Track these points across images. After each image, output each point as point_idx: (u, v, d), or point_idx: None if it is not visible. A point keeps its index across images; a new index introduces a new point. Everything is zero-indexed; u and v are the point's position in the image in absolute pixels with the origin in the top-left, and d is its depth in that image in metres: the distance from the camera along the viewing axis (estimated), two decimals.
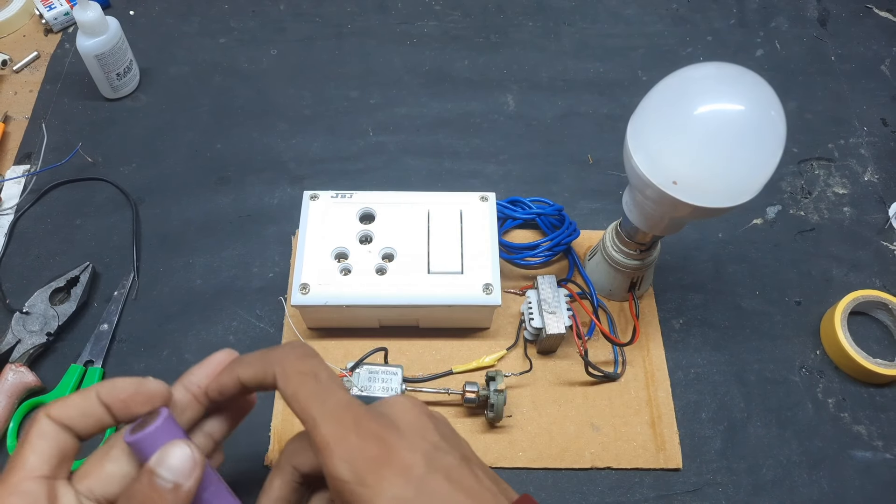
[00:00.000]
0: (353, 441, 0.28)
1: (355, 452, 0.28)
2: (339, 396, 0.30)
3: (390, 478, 0.28)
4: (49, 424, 0.30)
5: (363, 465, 0.28)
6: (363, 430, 0.29)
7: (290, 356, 0.32)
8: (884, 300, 0.52)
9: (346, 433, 0.29)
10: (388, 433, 0.29)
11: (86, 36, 0.57)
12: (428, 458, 0.29)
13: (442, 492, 0.28)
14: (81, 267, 0.52)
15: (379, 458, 0.28)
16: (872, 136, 0.63)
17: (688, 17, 0.71)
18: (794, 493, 0.46)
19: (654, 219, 0.42)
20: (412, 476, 0.28)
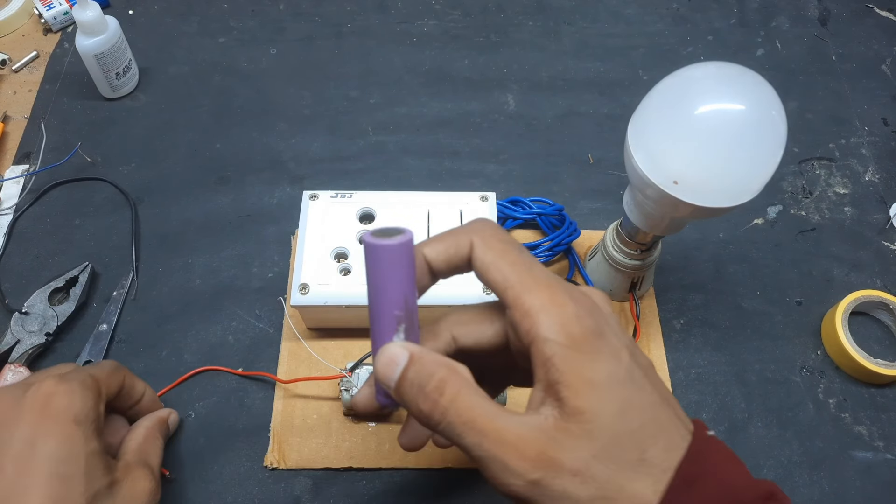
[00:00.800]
0: (571, 307, 0.27)
1: (572, 320, 0.26)
2: (544, 269, 0.29)
3: (605, 352, 0.26)
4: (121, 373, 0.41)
5: (581, 333, 0.26)
6: (578, 300, 0.27)
7: (487, 227, 0.30)
8: (885, 300, 0.51)
9: (561, 299, 0.27)
10: (599, 313, 0.28)
11: (85, 35, 0.57)
12: (630, 352, 0.27)
13: (645, 386, 0.27)
14: (80, 267, 0.52)
15: (595, 331, 0.26)
16: (873, 136, 0.63)
17: (688, 17, 0.71)
18: (795, 494, 0.46)
19: (654, 219, 0.42)
20: (622, 360, 0.27)
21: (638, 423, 0.26)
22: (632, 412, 0.26)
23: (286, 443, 0.46)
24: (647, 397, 0.27)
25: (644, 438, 0.26)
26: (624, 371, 0.26)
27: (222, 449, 0.46)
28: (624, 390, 0.26)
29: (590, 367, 0.26)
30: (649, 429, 0.26)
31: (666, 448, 0.26)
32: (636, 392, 0.26)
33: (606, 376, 0.26)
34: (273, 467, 0.45)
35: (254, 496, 0.45)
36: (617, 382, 0.26)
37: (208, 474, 0.45)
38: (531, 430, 0.26)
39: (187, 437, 0.46)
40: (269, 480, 0.45)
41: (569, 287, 0.28)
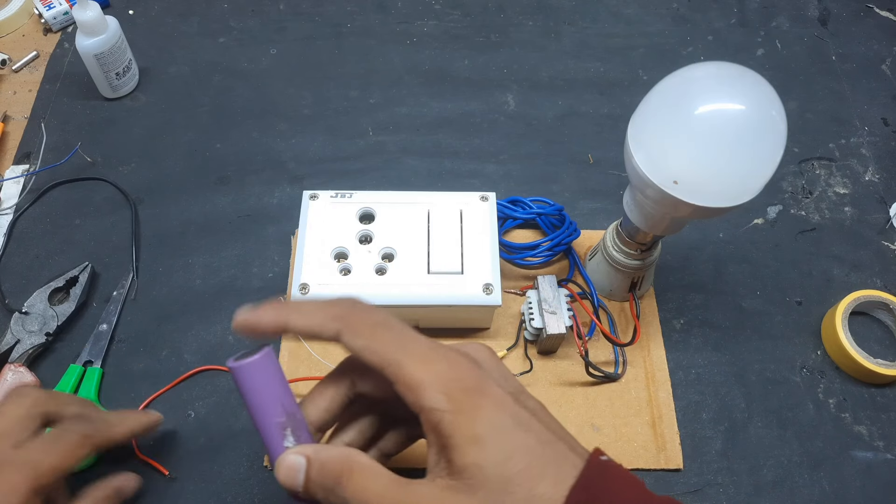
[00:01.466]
0: (447, 373, 0.29)
1: (451, 384, 0.28)
2: (419, 339, 0.30)
3: (487, 406, 0.28)
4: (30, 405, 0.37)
5: (460, 395, 0.28)
6: (454, 364, 0.29)
7: (353, 313, 0.31)
8: (885, 300, 0.51)
9: (438, 367, 0.29)
10: (478, 370, 0.30)
11: (85, 35, 0.57)
12: (514, 397, 0.29)
13: (532, 426, 0.29)
14: (80, 267, 0.52)
15: (475, 388, 0.29)
16: (873, 136, 0.63)
17: (688, 17, 0.71)
18: (795, 494, 0.46)
19: (654, 219, 0.42)
20: (506, 407, 0.29)
21: (524, 464, 0.27)
22: (518, 455, 0.28)
23: None
24: (533, 437, 0.28)
25: (532, 477, 0.27)
26: (508, 418, 0.28)
27: (222, 449, 0.46)
28: (508, 436, 0.28)
29: (472, 424, 0.28)
30: (537, 467, 0.27)
31: (555, 482, 0.27)
32: (521, 434, 0.28)
33: (489, 429, 0.28)
34: None
35: (253, 496, 0.45)
36: (500, 431, 0.28)
37: (208, 474, 0.45)
38: (424, 496, 0.28)
39: (187, 437, 0.46)
40: (269, 480, 0.45)
41: (446, 352, 0.30)
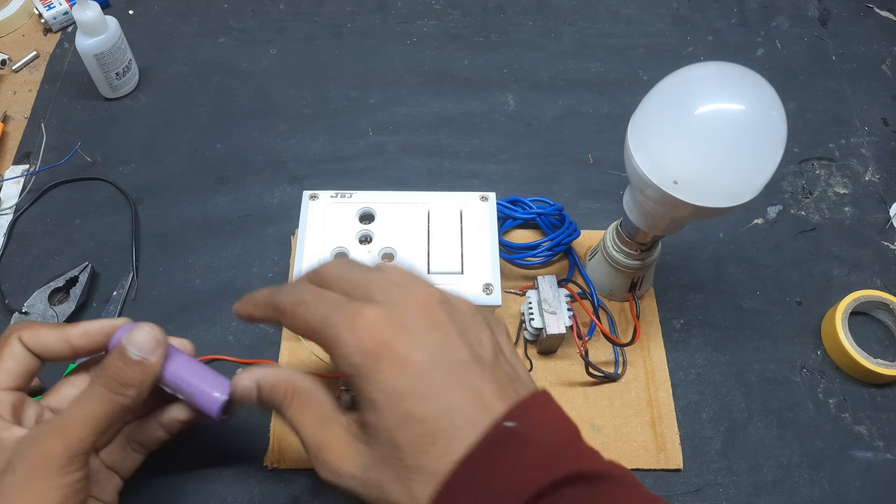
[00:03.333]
0: (357, 334, 0.30)
1: (360, 345, 0.30)
2: (329, 303, 0.32)
3: (385, 371, 0.29)
4: (20, 348, 0.35)
5: (363, 359, 0.30)
6: (368, 323, 0.30)
7: (281, 293, 0.35)
8: (885, 300, 0.51)
9: (351, 331, 0.30)
10: (388, 329, 0.30)
11: (85, 35, 0.57)
12: (431, 354, 0.29)
13: (439, 387, 0.29)
14: (80, 267, 0.52)
15: (377, 352, 0.29)
16: (873, 136, 0.63)
17: (688, 17, 0.71)
18: (795, 494, 0.46)
19: (654, 219, 0.42)
20: (410, 370, 0.29)
21: (413, 433, 0.28)
22: (407, 424, 0.28)
23: (286, 442, 0.46)
24: (431, 405, 0.29)
25: (419, 447, 0.28)
26: (404, 384, 0.29)
27: (222, 448, 0.46)
28: (400, 404, 0.29)
29: (370, 388, 0.29)
30: (427, 437, 0.28)
31: (442, 454, 0.28)
32: (415, 402, 0.29)
33: (382, 395, 0.29)
34: (273, 467, 0.45)
35: (254, 496, 0.45)
36: (392, 398, 0.29)
37: (208, 474, 0.45)
38: (338, 437, 0.31)
39: (187, 437, 0.46)
40: (269, 480, 0.45)
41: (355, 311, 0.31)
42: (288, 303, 0.33)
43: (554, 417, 0.30)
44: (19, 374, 0.35)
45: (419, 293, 0.32)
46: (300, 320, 0.32)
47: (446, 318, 0.31)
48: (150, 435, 0.39)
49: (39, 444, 0.31)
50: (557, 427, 0.30)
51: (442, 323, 0.31)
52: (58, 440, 0.31)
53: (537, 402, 0.30)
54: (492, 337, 0.32)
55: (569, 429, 0.30)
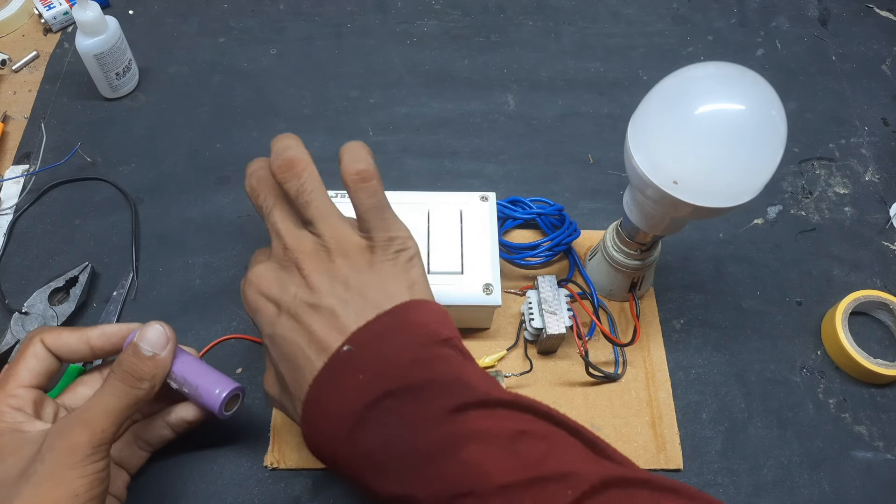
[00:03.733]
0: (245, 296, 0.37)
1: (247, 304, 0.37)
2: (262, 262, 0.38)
3: (261, 320, 0.36)
4: (42, 349, 0.38)
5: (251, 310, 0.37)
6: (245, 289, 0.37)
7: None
8: (885, 300, 0.51)
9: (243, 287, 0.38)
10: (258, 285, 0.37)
11: (85, 35, 0.57)
12: (286, 307, 0.35)
13: (287, 333, 0.34)
14: (80, 267, 0.52)
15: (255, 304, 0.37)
16: (873, 136, 0.63)
17: (688, 17, 0.71)
18: (795, 494, 0.46)
19: (654, 219, 0.42)
20: (270, 320, 0.35)
21: (286, 369, 0.34)
22: (281, 363, 0.35)
23: (286, 443, 0.46)
24: (291, 346, 0.34)
25: (291, 379, 0.34)
26: (275, 329, 0.35)
27: (222, 449, 0.46)
28: (275, 348, 0.35)
29: (261, 335, 0.36)
30: (292, 372, 0.34)
31: (300, 384, 0.33)
32: (283, 345, 0.34)
33: (267, 340, 0.36)
34: (273, 467, 0.45)
35: (254, 496, 0.45)
36: (271, 342, 0.35)
37: (208, 474, 0.45)
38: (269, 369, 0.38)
39: (187, 437, 0.46)
40: (269, 480, 0.45)
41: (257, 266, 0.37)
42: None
43: (400, 337, 0.33)
44: (41, 374, 0.38)
45: (287, 244, 0.36)
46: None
47: (309, 268, 0.35)
48: (157, 434, 0.42)
49: (66, 435, 0.34)
50: (398, 347, 0.33)
51: (304, 274, 0.35)
52: (83, 431, 0.34)
53: (386, 322, 0.33)
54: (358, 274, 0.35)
55: (414, 343, 0.33)
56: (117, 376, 0.37)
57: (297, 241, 0.36)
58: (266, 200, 0.38)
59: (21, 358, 0.38)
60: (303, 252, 0.36)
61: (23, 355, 0.38)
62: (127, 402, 0.36)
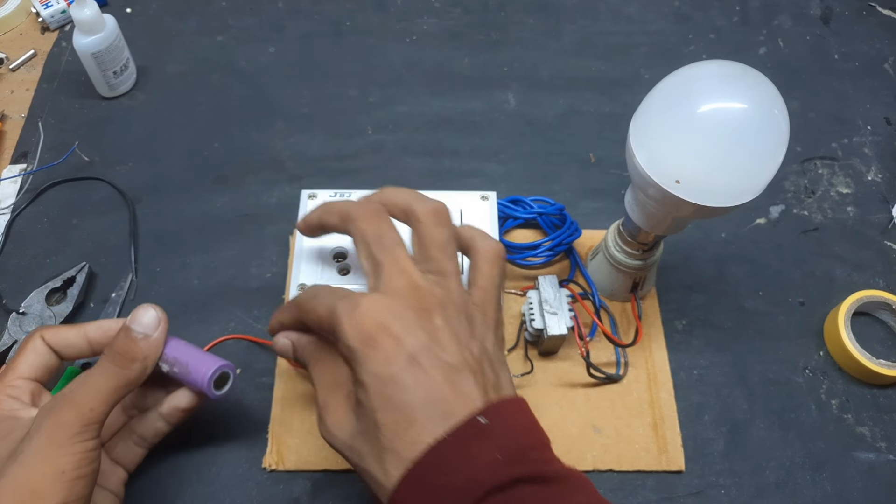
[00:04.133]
0: (357, 318, 0.33)
1: (358, 328, 0.32)
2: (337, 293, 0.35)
3: (375, 357, 0.32)
4: (41, 344, 0.39)
5: (358, 343, 0.32)
6: (367, 309, 0.33)
7: (301, 294, 0.37)
8: (887, 300, 0.51)
9: (344, 319, 0.33)
10: (383, 318, 0.33)
11: (83, 34, 0.57)
12: (419, 349, 0.32)
13: (421, 381, 0.31)
14: (78, 267, 0.52)
15: (370, 337, 0.32)
16: (876, 136, 0.63)
17: (690, 15, 0.71)
18: (798, 495, 0.46)
19: (656, 218, 0.42)
20: (397, 360, 0.32)
21: (392, 419, 0.31)
22: (386, 409, 0.31)
23: (285, 444, 0.46)
24: (409, 396, 0.31)
25: (395, 432, 0.31)
26: (391, 371, 0.31)
27: (221, 450, 0.46)
28: (384, 389, 0.31)
29: (360, 370, 0.32)
30: (402, 425, 0.31)
31: (412, 441, 0.31)
32: (396, 389, 0.31)
33: (370, 378, 0.32)
34: (272, 469, 0.45)
35: (252, 498, 0.44)
36: (378, 382, 0.32)
37: (206, 476, 0.45)
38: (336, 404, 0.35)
39: (185, 437, 0.46)
40: (268, 482, 0.45)
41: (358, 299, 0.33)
42: (304, 299, 0.36)
43: (526, 424, 0.32)
44: (39, 368, 0.39)
45: (422, 291, 0.34)
46: (312, 312, 0.35)
47: (440, 322, 0.33)
48: (152, 427, 0.41)
49: (53, 413, 0.34)
50: (527, 433, 0.32)
51: (434, 326, 0.33)
52: (70, 410, 0.34)
53: (512, 407, 0.32)
54: (482, 347, 0.34)
55: (538, 437, 0.32)
56: (108, 357, 0.37)
57: (428, 284, 0.34)
58: (390, 234, 0.36)
59: (21, 353, 0.39)
60: (435, 299, 0.34)
61: (22, 350, 0.39)
62: (117, 382, 0.36)
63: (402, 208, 0.38)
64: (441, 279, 0.35)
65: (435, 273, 0.35)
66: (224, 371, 0.40)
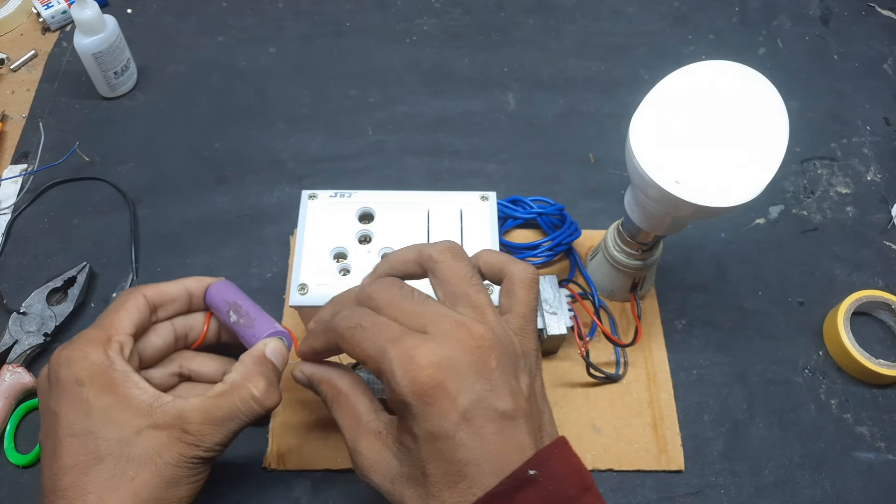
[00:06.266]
0: (411, 371, 0.31)
1: (413, 382, 0.31)
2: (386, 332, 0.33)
3: (430, 414, 0.31)
4: (143, 302, 0.40)
5: (413, 398, 0.31)
6: (413, 368, 0.31)
7: (339, 319, 0.35)
8: (886, 300, 0.51)
9: (398, 370, 0.31)
10: (439, 373, 0.31)
11: (83, 34, 0.57)
12: (474, 402, 0.31)
13: (474, 437, 0.31)
14: (78, 267, 0.52)
15: (427, 392, 0.31)
16: (875, 136, 0.63)
17: (690, 16, 0.71)
18: (797, 495, 0.46)
19: (656, 218, 0.42)
20: (452, 416, 0.31)
21: (442, 471, 0.31)
22: (435, 462, 0.31)
23: (285, 444, 0.46)
24: (462, 453, 0.31)
25: (445, 483, 0.31)
26: (444, 428, 0.31)
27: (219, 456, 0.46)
28: (436, 443, 0.31)
29: (413, 423, 0.31)
30: (452, 477, 0.31)
31: (462, 493, 0.31)
32: (449, 444, 0.31)
33: (423, 431, 0.31)
34: (272, 468, 0.45)
35: (252, 497, 0.44)
36: (431, 437, 0.31)
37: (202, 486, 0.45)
38: (373, 447, 0.34)
39: None
40: (269, 482, 0.45)
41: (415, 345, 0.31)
42: (346, 327, 0.34)
43: (571, 468, 0.32)
44: (139, 325, 0.39)
45: (473, 332, 0.32)
46: (357, 346, 0.33)
47: (495, 363, 0.32)
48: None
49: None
50: (572, 479, 0.32)
51: (490, 369, 0.32)
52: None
53: (557, 452, 0.32)
54: (530, 383, 0.34)
55: (583, 481, 0.32)
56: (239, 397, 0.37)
57: (476, 325, 0.32)
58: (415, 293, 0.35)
59: (122, 309, 0.39)
60: (486, 341, 0.32)
61: (123, 307, 0.39)
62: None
63: (414, 261, 0.36)
64: (479, 314, 0.33)
65: (471, 308, 0.34)
66: (281, 337, 0.41)
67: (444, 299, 0.35)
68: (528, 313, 0.35)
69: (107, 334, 0.38)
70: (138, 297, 0.40)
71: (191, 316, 0.43)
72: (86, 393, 0.35)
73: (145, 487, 0.34)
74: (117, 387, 0.36)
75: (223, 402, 0.37)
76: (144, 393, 0.36)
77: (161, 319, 0.42)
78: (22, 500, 0.44)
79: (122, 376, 0.36)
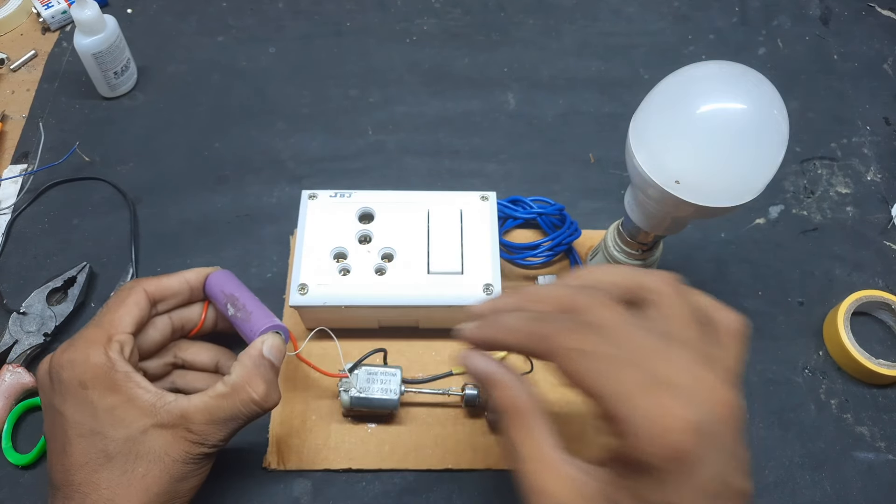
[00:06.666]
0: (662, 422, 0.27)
1: (662, 439, 0.26)
2: (625, 372, 0.28)
3: (670, 481, 0.27)
4: (144, 298, 0.40)
5: (662, 461, 0.27)
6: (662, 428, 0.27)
7: (561, 330, 0.29)
8: (887, 300, 0.51)
9: (642, 424, 0.27)
10: (691, 440, 0.27)
11: (83, 34, 0.57)
12: (714, 477, 0.27)
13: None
14: (78, 267, 0.52)
15: (681, 458, 0.26)
16: (875, 136, 0.63)
17: (690, 16, 0.71)
18: (797, 495, 0.46)
19: (656, 218, 0.42)
20: (690, 487, 0.27)
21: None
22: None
23: (285, 444, 0.46)
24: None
25: None
26: (683, 498, 0.27)
27: (222, 450, 0.46)
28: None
29: (656, 491, 0.27)
30: None
31: None
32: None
33: (659, 496, 0.27)
34: (272, 468, 0.45)
35: (252, 497, 0.44)
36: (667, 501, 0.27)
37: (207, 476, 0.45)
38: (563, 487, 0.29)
39: None
40: (269, 482, 0.45)
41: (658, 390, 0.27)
42: (566, 347, 0.29)
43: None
44: (138, 321, 0.40)
45: (727, 396, 0.28)
46: (583, 374, 0.29)
47: (735, 431, 0.28)
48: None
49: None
50: None
51: (739, 443, 0.28)
52: None
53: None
54: (746, 452, 0.30)
55: None
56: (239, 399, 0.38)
57: (738, 398, 0.29)
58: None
59: (122, 306, 0.39)
60: (731, 407, 0.28)
61: (124, 304, 0.39)
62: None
63: (626, 287, 0.31)
64: (722, 372, 0.29)
65: (699, 357, 0.29)
66: (278, 331, 0.41)
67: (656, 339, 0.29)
68: (740, 373, 0.31)
69: (107, 334, 0.38)
70: (139, 292, 0.40)
71: (188, 307, 0.44)
72: (90, 395, 0.36)
73: (155, 483, 0.35)
74: (120, 388, 0.36)
75: (225, 404, 0.37)
76: (147, 392, 0.37)
77: (160, 313, 0.42)
78: (22, 499, 0.44)
79: (124, 377, 0.37)
